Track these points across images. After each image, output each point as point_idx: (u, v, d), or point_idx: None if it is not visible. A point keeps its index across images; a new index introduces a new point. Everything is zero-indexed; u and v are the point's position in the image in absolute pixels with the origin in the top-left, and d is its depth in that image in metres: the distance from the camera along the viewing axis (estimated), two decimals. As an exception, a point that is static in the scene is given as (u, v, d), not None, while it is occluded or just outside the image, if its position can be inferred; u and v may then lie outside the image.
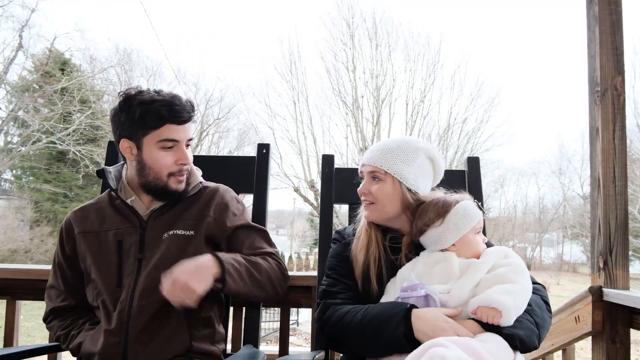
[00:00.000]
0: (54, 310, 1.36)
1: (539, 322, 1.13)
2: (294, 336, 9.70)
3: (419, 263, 1.25)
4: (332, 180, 1.78)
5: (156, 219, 1.32)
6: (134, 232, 1.30)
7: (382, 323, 1.10)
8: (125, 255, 1.28)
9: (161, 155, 1.28)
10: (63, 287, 1.36)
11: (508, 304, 1.04)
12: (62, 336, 1.32)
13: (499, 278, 1.12)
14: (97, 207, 1.39)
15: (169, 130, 1.27)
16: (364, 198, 1.35)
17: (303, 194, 14.13)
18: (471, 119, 14.51)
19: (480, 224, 1.27)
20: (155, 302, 1.21)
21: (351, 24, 14.45)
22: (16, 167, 15.63)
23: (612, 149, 1.84)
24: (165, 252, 1.27)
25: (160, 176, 1.30)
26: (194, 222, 1.33)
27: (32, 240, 14.07)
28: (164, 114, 1.25)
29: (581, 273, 22.62)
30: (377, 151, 1.33)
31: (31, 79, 14.68)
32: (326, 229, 1.72)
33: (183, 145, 1.30)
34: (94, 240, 1.32)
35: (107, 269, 1.27)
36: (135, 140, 1.28)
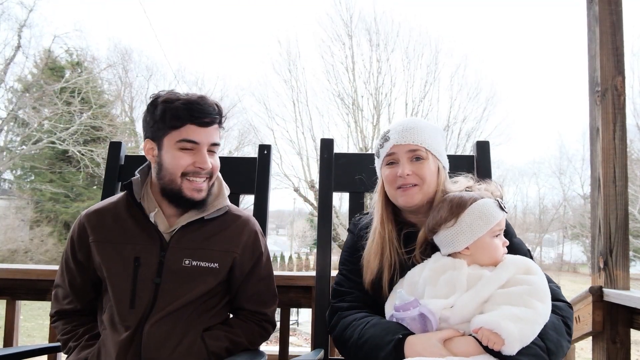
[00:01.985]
0: (60, 312, 1.34)
1: (551, 347, 1.01)
2: (294, 336, 9.70)
3: (427, 268, 1.15)
4: (332, 166, 1.69)
5: (179, 240, 1.27)
6: (153, 252, 1.25)
7: (374, 349, 1.07)
8: (142, 275, 1.23)
9: (179, 155, 1.23)
10: (69, 290, 1.33)
11: (513, 334, 0.94)
12: (62, 341, 1.31)
13: (512, 299, 1.00)
14: (115, 212, 1.31)
15: (189, 131, 1.22)
16: (404, 181, 1.22)
17: (303, 194, 14.13)
18: (470, 119, 14.52)
19: (500, 225, 1.14)
20: (173, 337, 1.19)
21: (350, 24, 14.46)
22: (17, 166, 15.63)
23: (613, 149, 1.84)
24: (185, 283, 1.23)
25: (175, 178, 1.24)
26: (220, 255, 1.29)
27: (32, 240, 14.07)
28: (183, 114, 1.21)
29: (581, 273, 22.59)
30: (413, 129, 1.23)
31: (31, 78, 14.67)
32: (325, 220, 1.65)
33: (204, 149, 1.24)
34: (111, 252, 1.26)
35: (121, 287, 1.22)
36: (157, 140, 1.25)
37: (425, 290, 1.11)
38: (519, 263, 1.09)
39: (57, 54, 15.58)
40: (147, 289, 1.22)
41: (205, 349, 1.21)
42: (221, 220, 1.34)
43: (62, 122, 14.44)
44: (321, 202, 1.67)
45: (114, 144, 1.78)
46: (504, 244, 1.15)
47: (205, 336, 1.23)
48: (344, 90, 14.25)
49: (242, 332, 1.30)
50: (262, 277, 1.38)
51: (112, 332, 1.21)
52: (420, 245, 1.22)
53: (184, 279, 1.24)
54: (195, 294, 1.24)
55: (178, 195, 1.25)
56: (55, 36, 14.99)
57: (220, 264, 1.28)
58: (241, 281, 1.34)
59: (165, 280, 1.23)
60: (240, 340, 1.28)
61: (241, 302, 1.37)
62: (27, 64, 14.58)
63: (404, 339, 1.04)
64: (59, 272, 1.36)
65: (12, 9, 13.79)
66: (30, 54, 14.54)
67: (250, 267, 1.35)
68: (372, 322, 1.14)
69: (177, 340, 1.19)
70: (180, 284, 1.23)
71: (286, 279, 1.82)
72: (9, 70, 14.03)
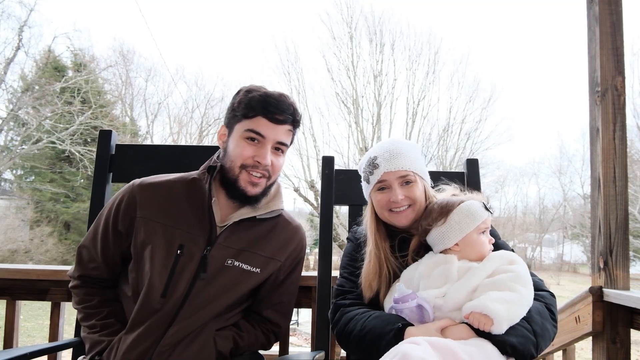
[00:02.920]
0: (83, 277, 1.30)
1: (538, 330, 1.10)
2: (294, 336, 9.69)
3: (422, 264, 1.25)
4: (332, 181, 1.78)
5: (228, 237, 1.26)
6: (200, 244, 1.22)
7: (376, 339, 1.13)
8: (182, 264, 1.20)
9: (242, 144, 1.23)
10: (100, 257, 1.29)
11: (501, 313, 1.03)
12: (82, 313, 1.28)
13: (498, 285, 1.11)
14: (171, 191, 1.28)
15: (258, 123, 1.22)
16: (397, 205, 1.32)
17: (303, 194, 14.14)
18: (470, 119, 14.54)
19: (486, 224, 1.25)
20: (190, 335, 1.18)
21: (351, 24, 14.47)
22: (17, 166, 15.64)
23: (613, 149, 1.84)
24: (224, 283, 1.22)
25: (234, 167, 1.24)
26: (265, 261, 1.28)
27: (32, 240, 14.07)
28: (257, 105, 1.21)
29: (581, 273, 22.61)
30: (400, 155, 1.32)
31: (31, 78, 14.67)
32: (326, 229, 1.72)
33: (268, 144, 1.24)
34: (158, 232, 1.22)
35: (159, 271, 1.19)
36: (230, 127, 1.27)
37: (420, 283, 1.21)
38: (503, 256, 1.20)
39: (57, 53, 15.59)
40: (183, 282, 1.19)
41: (214, 347, 1.21)
42: (273, 223, 1.34)
43: (62, 122, 14.45)
44: (323, 214, 1.75)
45: (104, 133, 1.69)
46: (490, 241, 1.26)
47: (215, 335, 1.23)
48: (345, 90, 14.27)
49: (247, 336, 1.30)
50: (292, 287, 1.38)
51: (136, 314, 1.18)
52: (414, 249, 1.33)
53: (225, 280, 1.22)
54: (231, 297, 1.23)
55: (233, 185, 1.24)
56: (55, 36, 15.03)
57: (262, 270, 1.28)
58: (273, 287, 1.34)
59: (205, 278, 1.20)
60: (242, 344, 1.28)
61: (261, 307, 1.34)
62: (27, 64, 14.61)
63: (404, 328, 1.11)
64: (91, 234, 1.31)
65: (12, 9, 13.81)
66: (30, 54, 14.57)
67: (285, 275, 1.35)
68: (373, 315, 1.21)
69: (192, 338, 1.18)
70: (219, 285, 1.22)
71: (286, 279, 1.82)
72: (9, 70, 14.05)
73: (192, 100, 18.54)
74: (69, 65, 16.06)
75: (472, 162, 1.80)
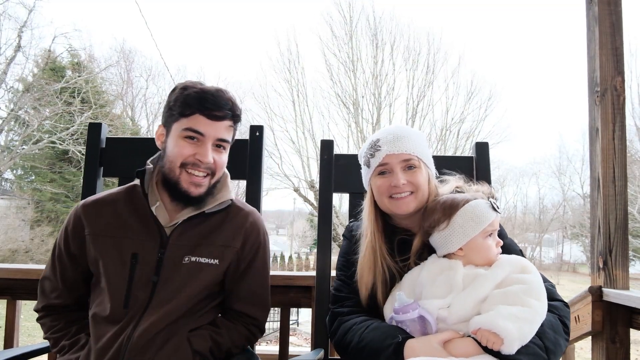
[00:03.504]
0: (47, 307, 1.28)
1: (549, 346, 1.01)
2: (294, 336, 9.69)
3: (425, 269, 1.16)
4: (332, 167, 1.68)
5: (179, 236, 1.22)
6: (152, 249, 1.20)
7: (374, 352, 1.07)
8: (139, 272, 1.18)
9: (182, 144, 1.19)
10: (60, 284, 1.27)
11: (511, 333, 0.94)
12: (51, 340, 1.25)
13: (509, 298, 1.00)
14: (114, 205, 1.26)
15: (196, 121, 1.18)
16: (399, 191, 1.22)
17: (303, 194, 14.13)
18: (470, 119, 14.53)
19: (493, 226, 1.14)
20: (160, 337, 1.14)
21: (351, 24, 14.46)
22: (17, 166, 15.64)
23: (612, 149, 1.84)
24: (184, 280, 1.19)
25: (173, 167, 1.20)
26: (221, 250, 1.24)
27: (33, 240, 14.07)
28: (194, 102, 1.17)
29: (581, 273, 22.60)
30: (404, 138, 1.23)
31: (31, 78, 14.67)
32: (325, 221, 1.65)
33: (209, 142, 1.20)
34: (108, 246, 1.20)
35: (116, 284, 1.17)
36: (167, 126, 1.23)
37: (423, 291, 1.12)
38: (514, 262, 1.10)
39: (57, 53, 15.59)
40: (143, 288, 1.17)
41: (190, 347, 1.17)
42: (224, 214, 1.30)
43: (63, 122, 14.44)
44: (321, 202, 1.67)
45: (93, 125, 1.66)
46: (498, 244, 1.15)
47: (190, 336, 1.19)
48: (345, 90, 14.26)
49: (227, 332, 1.25)
50: (258, 276, 1.32)
51: (99, 328, 1.16)
52: (416, 252, 1.23)
53: (183, 277, 1.19)
54: (192, 291, 1.19)
55: (175, 186, 1.21)
56: (55, 36, 15.01)
57: (221, 260, 1.24)
58: (236, 278, 1.29)
59: (163, 279, 1.18)
60: (223, 341, 1.23)
61: (232, 301, 1.30)
62: (27, 64, 14.61)
63: (403, 343, 1.04)
64: (49, 264, 1.31)
65: (12, 9, 13.82)
66: (30, 54, 14.56)
67: (247, 263, 1.29)
68: (372, 326, 1.14)
69: (164, 340, 1.15)
70: (178, 282, 1.19)
71: (286, 279, 1.82)
72: (10, 70, 14.05)
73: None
74: (69, 65, 16.06)
75: (482, 145, 1.71)
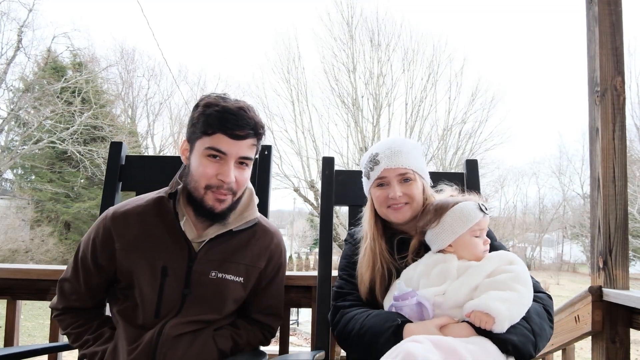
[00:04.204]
0: (67, 309, 1.31)
1: (536, 330, 1.11)
2: (294, 336, 9.69)
3: (421, 264, 1.27)
4: (332, 182, 1.79)
5: (207, 252, 1.26)
6: (181, 263, 1.24)
7: (374, 337, 1.14)
8: (169, 286, 1.22)
9: (205, 163, 1.20)
10: (83, 289, 1.29)
11: (502, 312, 1.05)
12: (73, 335, 1.28)
13: (498, 284, 1.12)
14: (143, 217, 1.28)
15: (219, 140, 1.19)
16: (395, 202, 1.34)
17: (303, 194, 14.13)
18: (471, 119, 14.53)
19: (480, 225, 1.26)
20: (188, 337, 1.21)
21: (351, 24, 14.46)
22: (17, 166, 15.64)
23: (612, 149, 1.84)
24: (212, 295, 1.25)
25: (198, 187, 1.22)
26: (247, 268, 1.30)
27: (33, 240, 14.07)
28: (216, 122, 1.18)
29: (581, 273, 22.61)
30: (401, 153, 1.35)
31: (32, 78, 14.68)
32: (326, 230, 1.73)
33: (231, 161, 1.21)
34: (139, 260, 1.23)
35: (147, 296, 1.21)
36: (191, 142, 1.24)
37: (420, 282, 1.21)
38: (502, 256, 1.22)
39: (57, 53, 15.59)
40: (173, 300, 1.22)
41: (215, 346, 1.24)
42: (250, 232, 1.34)
43: (63, 122, 14.45)
44: (323, 214, 1.75)
45: (115, 144, 1.78)
46: (485, 242, 1.27)
47: (215, 335, 1.26)
48: (344, 90, 14.26)
49: (246, 334, 1.33)
50: (277, 291, 1.41)
51: (129, 328, 1.21)
52: (413, 251, 1.33)
53: (211, 292, 1.24)
54: (219, 305, 1.26)
55: (200, 204, 1.24)
56: (55, 35, 15.02)
57: (246, 278, 1.29)
58: (257, 292, 1.36)
59: (193, 292, 1.23)
60: (241, 342, 1.31)
61: (252, 311, 1.37)
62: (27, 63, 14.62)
63: (402, 325, 1.12)
64: (71, 269, 1.31)
65: (12, 9, 13.81)
66: (31, 54, 14.57)
67: (268, 281, 1.37)
68: (372, 314, 1.22)
69: (192, 339, 1.21)
70: (208, 298, 1.24)
71: (286, 279, 1.79)
72: (10, 70, 14.05)
73: (194, 100, 18.54)
74: (69, 65, 16.07)
75: (472, 162, 1.80)
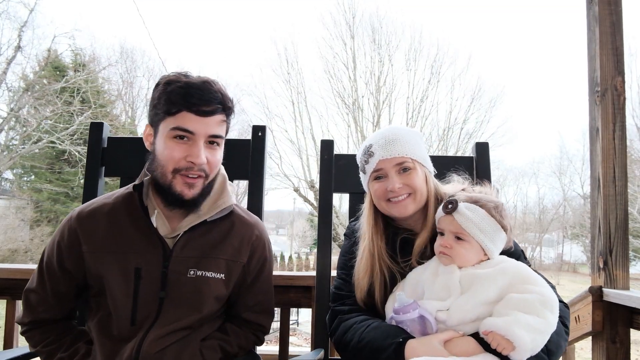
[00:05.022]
0: (34, 323, 1.19)
1: (552, 349, 1.03)
2: (294, 336, 9.69)
3: (428, 269, 1.17)
4: (332, 167, 1.68)
5: (182, 248, 1.16)
6: (156, 263, 1.13)
7: (374, 353, 1.07)
8: (144, 288, 1.12)
9: (170, 145, 1.10)
10: (51, 298, 1.18)
11: (525, 343, 0.95)
12: (44, 353, 1.17)
13: (527, 306, 1.00)
14: (111, 215, 1.18)
15: (184, 119, 1.08)
16: (395, 194, 1.22)
17: (303, 194, 14.13)
18: (471, 120, 14.53)
19: (440, 224, 1.17)
20: (172, 350, 1.10)
21: (352, 24, 14.46)
22: (16, 166, 15.64)
23: (612, 149, 1.84)
24: (190, 294, 1.14)
25: (165, 172, 1.11)
26: (228, 264, 1.19)
27: (33, 240, 14.07)
28: (179, 99, 1.07)
29: (581, 273, 22.60)
30: (396, 141, 1.23)
31: (31, 78, 14.67)
32: (325, 219, 1.65)
33: (200, 140, 1.11)
34: (109, 263, 1.13)
35: (121, 302, 1.11)
36: (154, 126, 1.14)
37: (424, 290, 1.13)
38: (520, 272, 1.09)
39: (57, 53, 15.58)
40: (149, 304, 1.12)
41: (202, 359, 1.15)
42: (228, 224, 1.24)
43: (62, 121, 14.44)
44: (321, 202, 1.67)
45: (95, 125, 1.63)
46: (443, 243, 1.14)
47: (202, 347, 1.16)
48: (345, 89, 14.26)
49: (236, 339, 1.24)
50: (265, 287, 1.31)
51: (105, 342, 1.11)
52: (418, 253, 1.23)
53: (190, 292, 1.14)
54: (200, 306, 1.15)
55: (167, 190, 1.13)
56: (55, 35, 15.01)
57: (227, 275, 1.19)
58: (243, 290, 1.26)
59: (170, 294, 1.13)
60: (231, 350, 1.22)
61: (240, 310, 1.28)
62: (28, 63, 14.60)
63: (404, 343, 1.04)
64: (36, 278, 1.20)
65: (12, 9, 13.81)
66: (32, 54, 14.56)
67: (253, 276, 1.27)
68: (372, 326, 1.14)
69: (177, 353, 1.11)
70: (187, 298, 1.14)
71: (286, 279, 1.81)
72: (10, 69, 14.04)
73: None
74: (69, 64, 16.06)
75: (482, 146, 1.68)
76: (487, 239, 1.12)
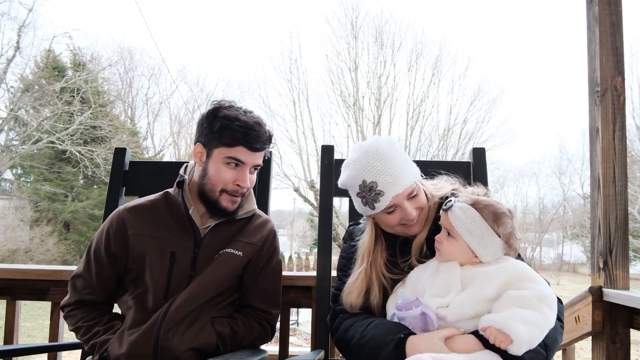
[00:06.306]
0: (79, 302, 1.38)
1: (549, 343, 1.04)
2: (294, 336, 9.69)
3: (429, 267, 1.19)
4: (332, 172, 1.72)
5: (211, 237, 1.37)
6: (188, 248, 1.35)
7: (376, 350, 1.09)
8: (177, 269, 1.32)
9: (224, 170, 1.33)
10: (95, 282, 1.37)
11: (522, 336, 0.96)
12: (83, 328, 1.33)
13: (524, 301, 1.02)
14: (153, 209, 1.40)
15: (239, 152, 1.31)
16: (409, 220, 1.24)
17: (303, 194, 14.13)
18: (472, 120, 14.53)
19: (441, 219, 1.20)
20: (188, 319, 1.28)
21: (355, 24, 14.46)
22: (16, 166, 15.64)
23: (612, 149, 1.84)
24: (213, 269, 1.34)
25: (215, 189, 1.34)
26: (245, 245, 1.40)
27: (32, 240, 14.06)
28: (239, 137, 1.29)
29: (581, 273, 22.60)
30: (399, 173, 1.22)
31: (31, 78, 14.67)
32: (325, 222, 1.68)
33: (247, 168, 1.35)
34: (151, 244, 1.34)
35: (158, 278, 1.31)
36: (208, 148, 1.34)
37: (425, 288, 1.14)
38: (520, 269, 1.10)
39: (57, 53, 15.58)
40: (181, 282, 1.32)
41: (213, 328, 1.31)
42: (248, 219, 1.46)
43: (62, 122, 14.44)
44: (322, 206, 1.71)
45: (119, 150, 1.84)
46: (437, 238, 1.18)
47: (212, 320, 1.33)
48: (346, 90, 14.26)
49: (243, 325, 1.37)
50: (272, 275, 1.45)
51: (139, 310, 1.30)
52: (417, 252, 1.26)
53: (215, 269, 1.34)
54: (218, 278, 1.33)
55: (214, 204, 1.36)
56: (55, 35, 15.00)
57: (244, 253, 1.38)
58: (255, 274, 1.41)
59: (198, 273, 1.33)
60: (239, 330, 1.35)
61: (248, 298, 1.42)
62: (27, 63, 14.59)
63: (405, 339, 1.06)
64: (83, 264, 1.40)
65: (12, 9, 13.80)
66: (31, 54, 14.55)
67: (264, 262, 1.43)
68: (374, 323, 1.16)
69: (191, 321, 1.29)
70: (211, 275, 1.33)
71: (286, 279, 1.81)
72: (9, 70, 14.04)
73: (193, 100, 18.55)
74: (69, 64, 16.06)
75: (479, 151, 1.73)
76: (475, 241, 1.12)
